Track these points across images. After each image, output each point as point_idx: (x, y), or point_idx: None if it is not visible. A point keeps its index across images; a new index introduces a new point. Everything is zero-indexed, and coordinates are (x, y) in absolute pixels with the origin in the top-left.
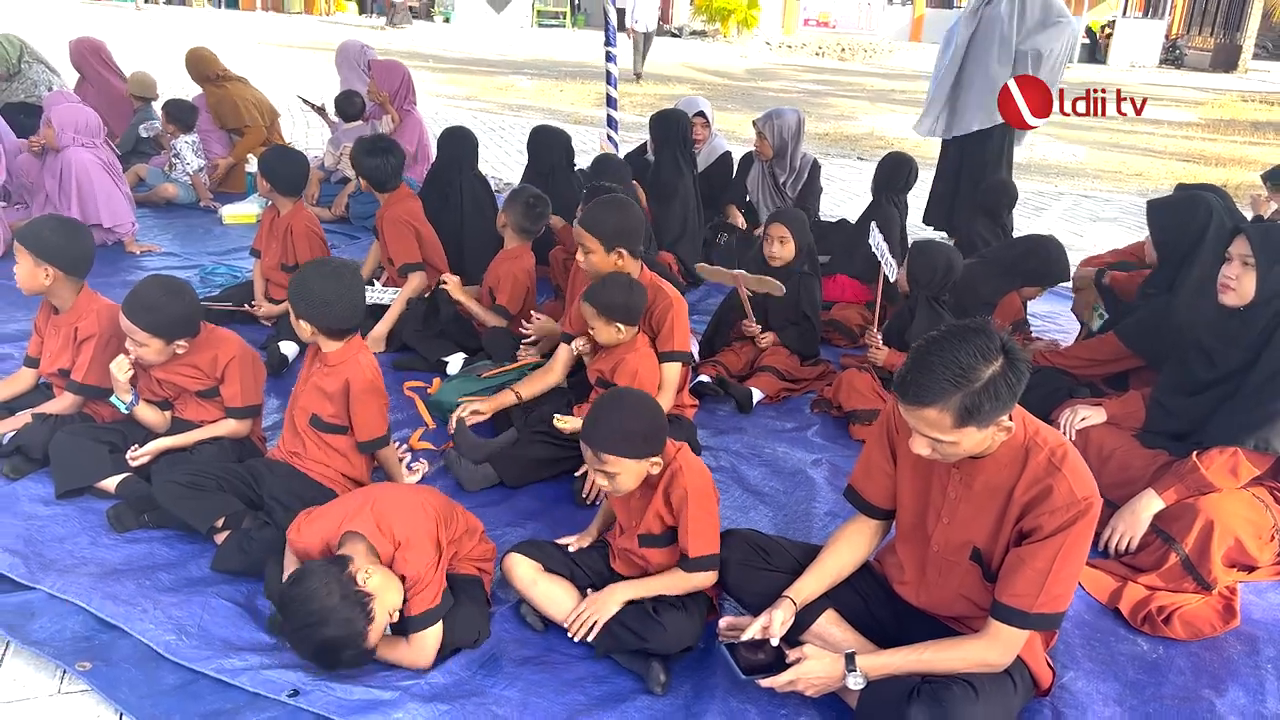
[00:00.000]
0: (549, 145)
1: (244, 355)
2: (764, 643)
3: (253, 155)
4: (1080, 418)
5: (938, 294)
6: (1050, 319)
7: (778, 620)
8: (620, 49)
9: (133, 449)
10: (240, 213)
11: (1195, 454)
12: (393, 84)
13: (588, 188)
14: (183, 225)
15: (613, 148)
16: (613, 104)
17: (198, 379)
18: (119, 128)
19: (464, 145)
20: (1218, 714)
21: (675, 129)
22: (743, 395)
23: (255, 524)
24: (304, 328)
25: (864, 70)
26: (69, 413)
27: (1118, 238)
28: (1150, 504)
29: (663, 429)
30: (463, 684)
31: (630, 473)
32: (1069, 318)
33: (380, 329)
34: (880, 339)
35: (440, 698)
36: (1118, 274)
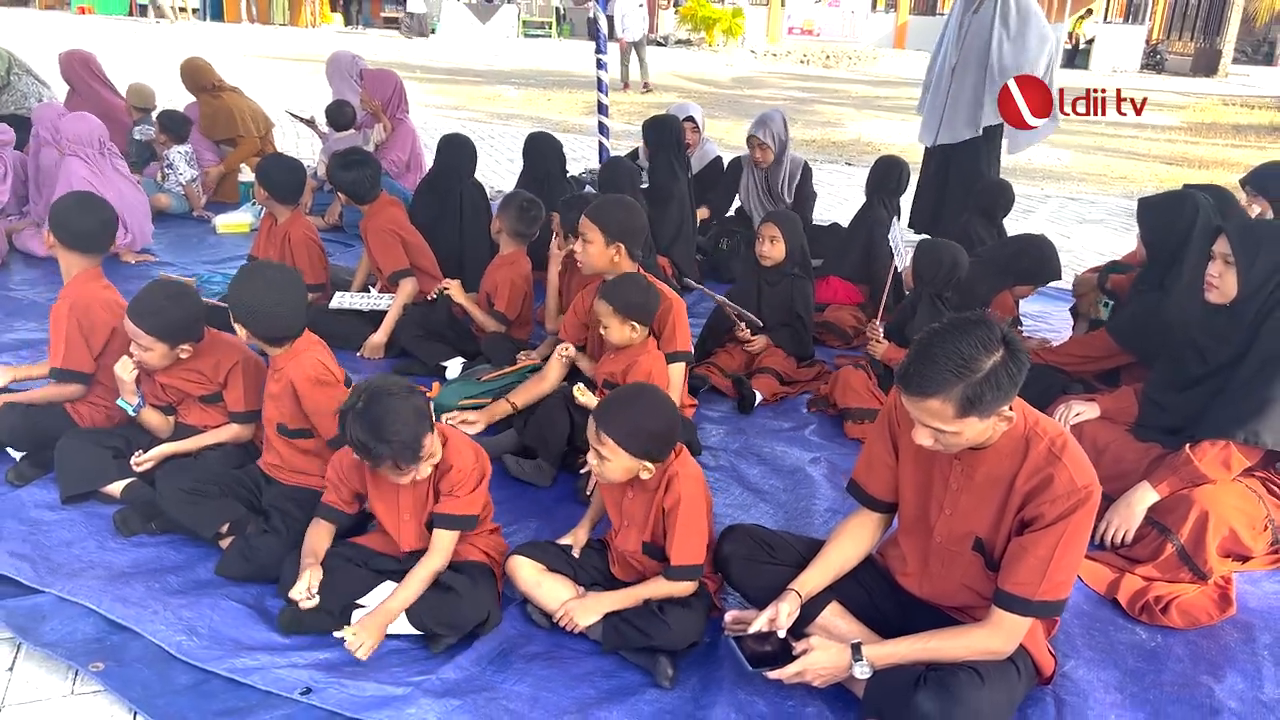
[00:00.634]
0: (543, 152)
1: (246, 360)
2: (770, 635)
3: (246, 165)
4: (1075, 413)
5: (941, 291)
6: (1042, 318)
7: (784, 612)
8: (608, 58)
9: (137, 454)
10: (234, 222)
11: (1188, 447)
12: (385, 93)
13: (570, 195)
14: (176, 235)
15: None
16: (604, 111)
17: (201, 384)
18: (112, 139)
19: (463, 153)
20: (1217, 700)
21: (670, 134)
22: (750, 395)
23: (256, 530)
24: (241, 332)
25: (849, 77)
26: (43, 402)
27: (1104, 239)
28: (1145, 497)
29: (673, 437)
30: (473, 679)
31: (621, 466)
32: (1060, 317)
33: (378, 338)
34: (881, 331)
35: (452, 693)
36: (1118, 277)
